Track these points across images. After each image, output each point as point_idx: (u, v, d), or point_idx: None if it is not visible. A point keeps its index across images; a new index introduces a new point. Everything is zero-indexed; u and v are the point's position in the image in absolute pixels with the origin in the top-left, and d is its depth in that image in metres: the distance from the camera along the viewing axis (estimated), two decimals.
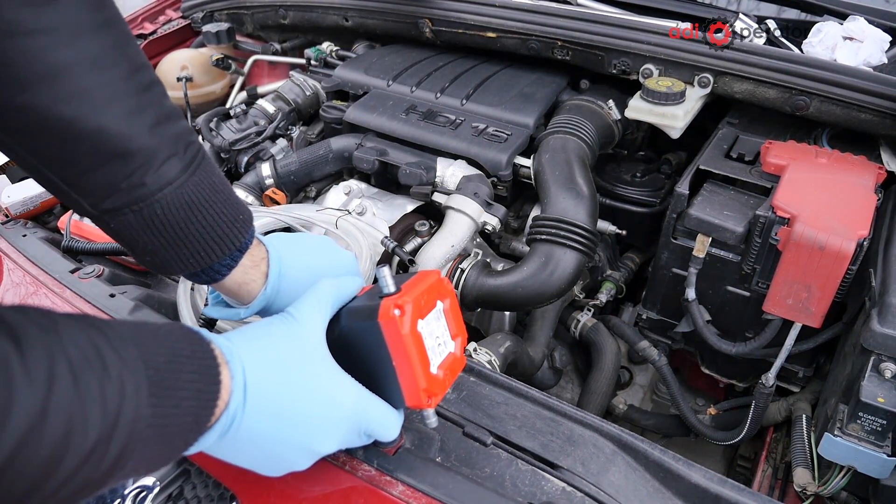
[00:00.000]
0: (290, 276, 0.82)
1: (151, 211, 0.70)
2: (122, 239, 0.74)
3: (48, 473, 0.46)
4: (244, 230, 0.78)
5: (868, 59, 1.28)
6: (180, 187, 0.71)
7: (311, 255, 0.86)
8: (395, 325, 0.67)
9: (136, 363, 0.52)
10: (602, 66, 1.41)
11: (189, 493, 0.79)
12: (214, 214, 0.74)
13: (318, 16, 1.73)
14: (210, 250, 0.75)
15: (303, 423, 0.66)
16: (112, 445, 0.50)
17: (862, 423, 0.93)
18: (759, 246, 1.11)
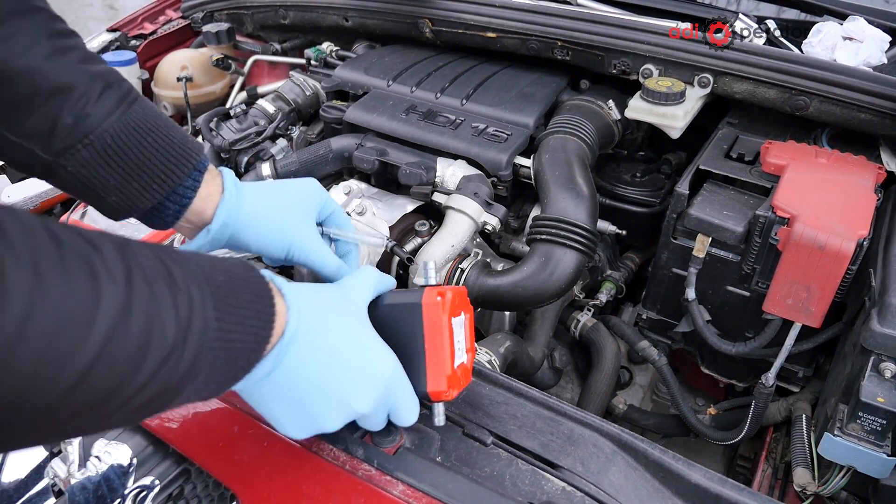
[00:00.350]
0: (252, 203, 0.84)
1: (103, 141, 0.73)
2: (84, 184, 0.76)
3: (136, 366, 0.48)
4: (198, 150, 0.82)
5: (868, 60, 1.28)
6: (124, 115, 0.75)
7: (272, 186, 0.88)
8: (436, 309, 0.73)
9: (200, 279, 0.54)
10: (602, 67, 1.41)
11: (189, 493, 0.80)
12: (165, 137, 0.78)
13: (318, 16, 1.73)
14: (170, 171, 0.78)
15: (346, 373, 0.67)
16: (186, 351, 0.51)
17: (862, 422, 0.93)
18: (759, 246, 1.11)
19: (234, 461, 0.77)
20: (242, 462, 0.77)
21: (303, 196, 0.87)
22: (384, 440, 0.78)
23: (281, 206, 0.85)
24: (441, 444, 0.81)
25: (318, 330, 0.66)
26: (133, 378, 0.48)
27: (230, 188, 0.83)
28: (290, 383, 0.65)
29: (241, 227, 0.83)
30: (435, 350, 0.73)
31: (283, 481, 0.75)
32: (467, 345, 0.79)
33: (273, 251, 0.85)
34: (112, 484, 0.79)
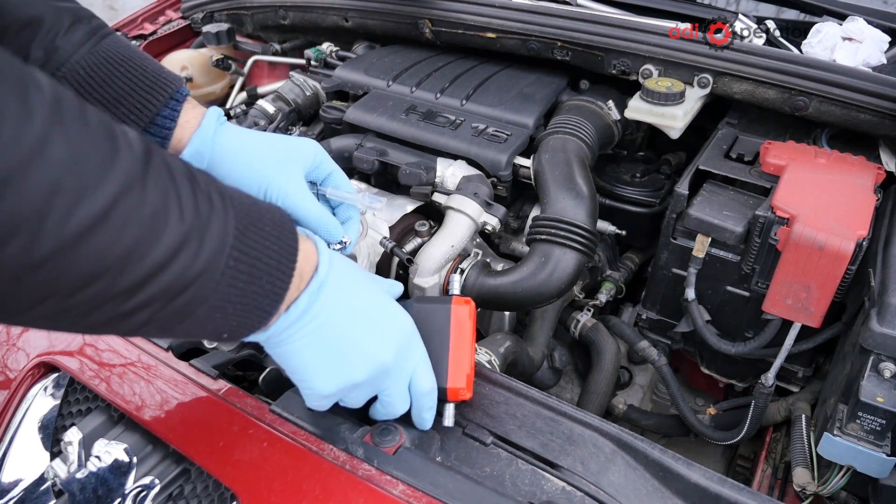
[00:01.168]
0: (233, 139, 0.83)
1: (75, 73, 0.74)
2: None
3: (151, 235, 0.47)
4: (174, 80, 0.82)
5: (867, 60, 1.28)
6: (95, 48, 0.76)
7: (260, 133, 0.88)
8: (464, 312, 0.82)
9: (221, 193, 0.54)
10: (602, 67, 1.42)
11: (189, 493, 0.80)
12: (138, 67, 0.78)
13: (317, 16, 1.73)
14: (146, 100, 0.78)
15: (372, 322, 0.70)
16: (204, 244, 0.51)
17: (861, 422, 0.93)
18: (759, 246, 1.11)
19: (234, 461, 0.77)
20: (242, 462, 0.77)
21: (292, 146, 0.85)
22: (384, 440, 0.78)
23: (262, 150, 0.83)
24: (441, 444, 0.81)
25: (348, 279, 0.67)
26: (149, 247, 0.47)
27: (210, 119, 0.82)
28: (323, 327, 0.65)
29: (217, 161, 0.82)
30: (459, 349, 0.80)
31: (283, 481, 0.75)
32: (471, 354, 0.83)
33: (250, 190, 0.81)
34: (112, 484, 0.79)
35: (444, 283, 1.19)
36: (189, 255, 0.50)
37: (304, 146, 0.86)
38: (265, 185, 0.81)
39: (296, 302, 0.62)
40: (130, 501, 0.78)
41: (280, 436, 0.79)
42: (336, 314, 0.66)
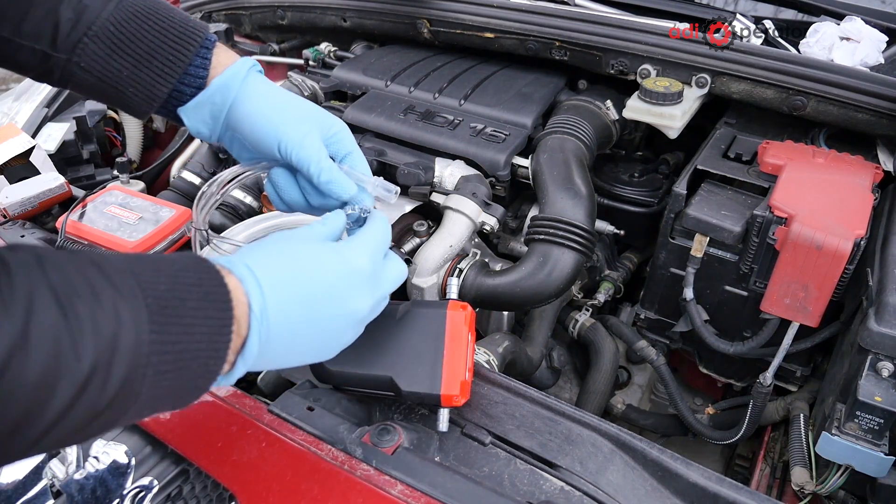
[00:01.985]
0: (262, 86, 0.82)
1: (107, 31, 0.75)
2: (101, 80, 0.77)
3: (42, 400, 0.46)
4: (202, 28, 0.81)
5: (865, 60, 1.29)
6: (121, 3, 0.76)
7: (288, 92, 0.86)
8: (460, 318, 0.80)
9: (133, 290, 0.51)
10: (600, 67, 1.42)
11: (188, 493, 0.80)
12: (165, 18, 0.79)
13: (316, 16, 1.73)
14: (177, 51, 0.78)
15: (329, 295, 0.67)
16: (113, 372, 0.49)
17: (859, 421, 0.94)
18: (757, 245, 1.11)
19: (232, 461, 0.77)
20: (241, 462, 0.77)
21: (317, 112, 0.84)
22: (382, 440, 0.78)
23: (285, 105, 0.82)
24: (439, 444, 0.81)
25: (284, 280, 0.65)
26: (41, 411, 0.46)
27: (244, 63, 0.82)
28: (287, 337, 0.64)
29: (238, 104, 0.81)
30: (453, 356, 0.78)
31: (281, 481, 0.75)
32: (469, 365, 0.82)
33: (265, 140, 0.80)
34: (110, 484, 0.79)
35: (442, 283, 1.19)
36: (94, 393, 0.48)
37: (329, 116, 0.85)
38: (280, 137, 0.79)
39: (243, 352, 0.61)
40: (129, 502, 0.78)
41: (278, 436, 0.79)
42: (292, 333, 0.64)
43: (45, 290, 0.47)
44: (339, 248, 0.71)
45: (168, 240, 1.15)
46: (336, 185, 0.80)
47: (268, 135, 0.80)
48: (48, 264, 0.48)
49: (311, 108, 0.84)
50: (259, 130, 0.80)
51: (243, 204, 1.42)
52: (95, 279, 0.50)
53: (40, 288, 0.46)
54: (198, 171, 1.53)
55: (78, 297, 0.48)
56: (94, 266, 0.51)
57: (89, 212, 1.19)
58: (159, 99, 0.80)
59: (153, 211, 1.18)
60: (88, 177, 1.54)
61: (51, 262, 0.49)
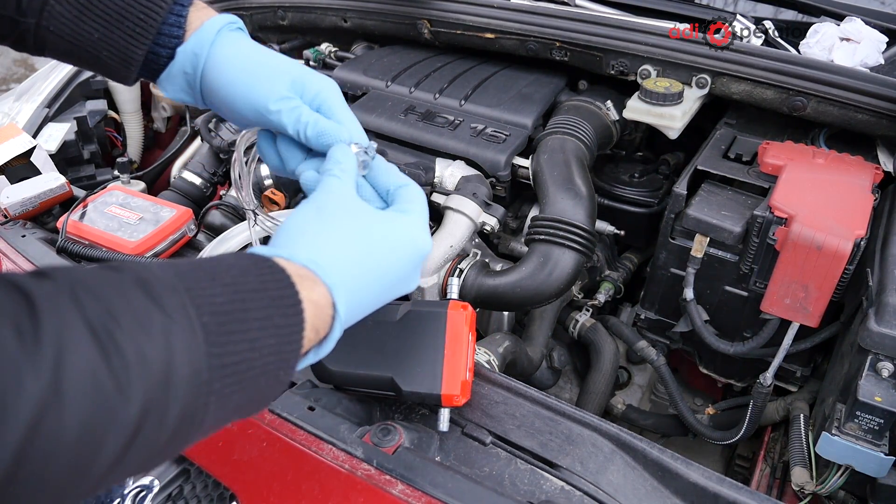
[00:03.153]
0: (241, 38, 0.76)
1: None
2: (73, 44, 0.73)
3: (89, 453, 0.40)
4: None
5: (865, 60, 1.29)
6: None
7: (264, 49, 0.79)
8: (460, 318, 0.80)
9: (185, 310, 0.46)
10: (600, 67, 1.42)
11: (189, 493, 0.80)
12: None
13: (316, 17, 1.73)
14: (149, 10, 0.73)
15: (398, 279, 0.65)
16: (171, 408, 0.44)
17: (859, 422, 0.94)
18: (757, 246, 1.11)
19: (233, 461, 0.78)
20: (242, 462, 0.77)
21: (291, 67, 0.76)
22: (383, 440, 0.78)
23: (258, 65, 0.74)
24: (440, 444, 0.81)
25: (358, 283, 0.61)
26: (90, 465, 0.41)
27: (213, 24, 0.75)
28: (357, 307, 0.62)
29: (211, 70, 0.75)
30: (454, 356, 0.79)
31: (282, 481, 0.75)
32: (470, 364, 0.82)
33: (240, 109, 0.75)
34: None
35: (442, 283, 1.19)
36: (151, 432, 0.43)
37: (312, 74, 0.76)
38: (253, 103, 0.74)
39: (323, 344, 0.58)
40: (130, 502, 0.78)
41: (279, 436, 0.79)
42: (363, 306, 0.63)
43: (80, 326, 0.40)
44: (408, 226, 0.67)
45: (169, 240, 1.15)
46: (327, 136, 0.73)
47: (241, 103, 0.74)
48: (83, 293, 0.42)
49: (286, 66, 0.75)
50: (232, 99, 0.74)
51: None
52: (140, 303, 0.44)
53: (73, 325, 0.40)
54: (198, 171, 1.53)
55: (120, 330, 0.42)
56: (138, 287, 0.45)
57: (90, 212, 1.19)
58: (136, 62, 0.75)
59: (154, 211, 1.18)
60: (89, 177, 1.55)
61: (86, 290, 0.43)
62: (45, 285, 0.42)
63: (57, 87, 1.59)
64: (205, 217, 1.40)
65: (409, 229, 0.67)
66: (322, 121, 0.73)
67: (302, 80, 0.75)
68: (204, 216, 1.40)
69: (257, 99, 0.73)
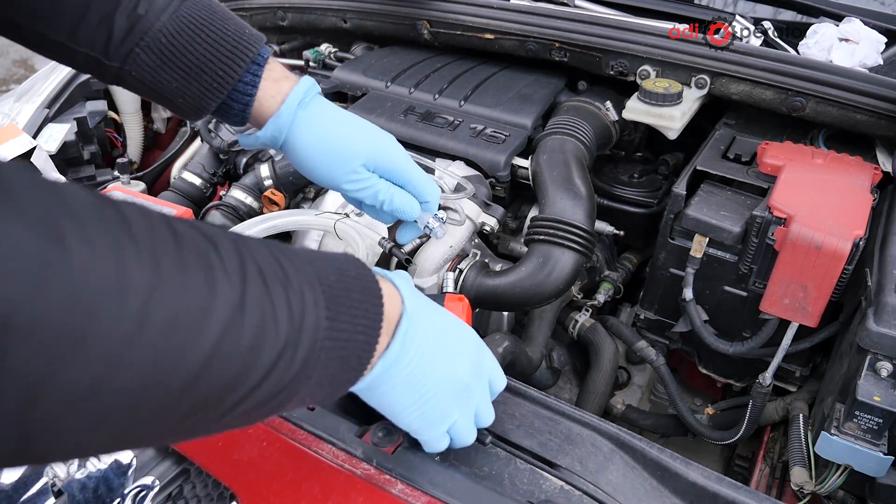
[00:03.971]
0: (318, 113, 0.84)
1: (158, 43, 0.74)
2: (151, 89, 0.77)
3: (250, 364, 0.48)
4: (255, 41, 0.80)
5: (864, 61, 1.29)
6: (177, 12, 0.75)
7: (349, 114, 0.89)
8: (457, 309, 0.82)
9: (312, 278, 0.55)
10: (600, 68, 1.42)
11: (189, 493, 0.80)
12: (219, 30, 0.77)
13: (316, 17, 1.74)
14: (226, 67, 0.77)
15: (456, 347, 0.70)
16: (299, 350, 0.52)
17: (858, 421, 0.94)
18: (756, 246, 1.12)
19: (233, 461, 0.78)
20: (242, 462, 0.77)
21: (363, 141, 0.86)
22: (383, 439, 0.78)
23: (335, 139, 0.84)
24: None
25: (427, 314, 0.68)
26: (247, 375, 0.48)
27: (290, 104, 0.82)
28: (413, 368, 0.65)
29: (292, 142, 0.83)
30: None
31: (282, 481, 0.75)
32: None
33: (320, 180, 0.86)
34: (111, 483, 0.79)
35: (441, 282, 1.20)
36: (284, 365, 0.51)
37: (381, 143, 0.87)
38: (330, 180, 0.84)
39: (385, 353, 0.63)
40: (130, 501, 0.78)
41: (279, 435, 0.79)
42: (424, 352, 0.66)
43: (253, 264, 0.50)
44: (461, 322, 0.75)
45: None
46: (402, 214, 0.87)
47: (321, 180, 0.85)
48: (249, 243, 0.52)
49: (361, 144, 0.85)
50: (312, 176, 0.85)
51: (244, 205, 1.42)
52: (284, 263, 0.53)
53: (249, 262, 0.49)
54: (198, 171, 1.53)
55: (274, 275, 0.51)
56: (281, 252, 0.54)
57: None
58: (208, 111, 0.81)
59: None
60: (89, 177, 1.55)
61: (247, 245, 0.51)
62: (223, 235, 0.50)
63: (57, 88, 1.59)
64: (205, 217, 1.40)
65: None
66: (396, 198, 0.85)
67: (376, 158, 0.85)
68: (204, 216, 1.40)
69: (334, 179, 0.84)
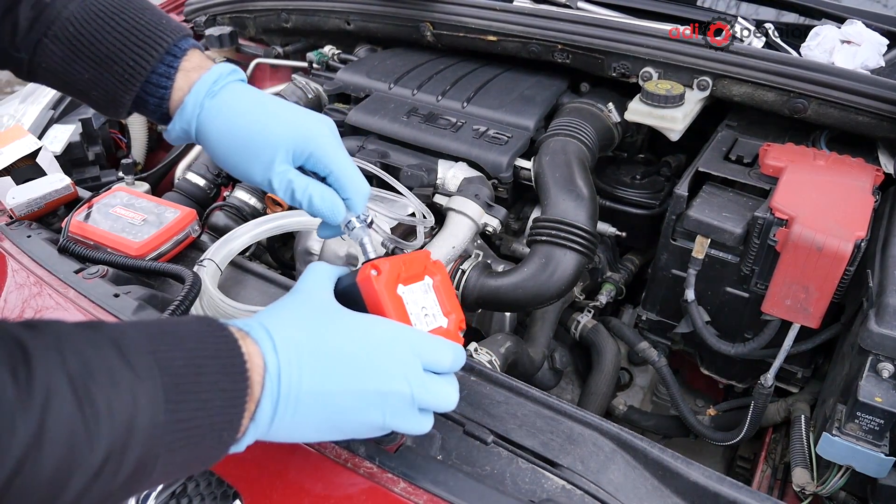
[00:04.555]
0: (230, 102, 0.76)
1: (66, 32, 0.70)
2: (64, 81, 0.73)
3: (55, 493, 0.46)
4: (171, 31, 0.75)
5: (866, 63, 1.29)
6: (86, 1, 0.71)
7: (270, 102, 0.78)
8: (370, 284, 0.71)
9: (151, 371, 0.51)
10: (602, 69, 1.42)
11: (192, 491, 0.80)
12: (131, 20, 0.73)
13: (320, 19, 1.74)
14: (139, 57, 0.72)
15: (356, 362, 0.63)
16: (127, 456, 0.49)
17: (860, 422, 0.94)
18: (758, 247, 1.12)
19: (236, 459, 0.77)
20: (245, 460, 0.77)
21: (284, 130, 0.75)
22: (385, 438, 0.79)
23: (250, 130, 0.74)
24: (442, 443, 0.82)
25: (306, 348, 0.62)
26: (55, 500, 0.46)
27: (203, 81, 0.75)
28: (313, 407, 0.62)
29: (205, 131, 0.76)
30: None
31: (284, 479, 0.75)
32: (444, 308, 0.78)
33: (236, 171, 0.76)
34: None
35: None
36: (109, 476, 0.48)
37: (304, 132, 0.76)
38: (246, 172, 0.76)
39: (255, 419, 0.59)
40: (133, 499, 0.79)
41: None
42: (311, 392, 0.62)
43: (63, 379, 0.46)
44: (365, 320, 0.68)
45: (173, 240, 1.16)
46: (320, 215, 0.77)
47: (235, 170, 0.76)
48: (67, 348, 0.48)
49: (275, 134, 0.75)
50: (225, 165, 0.77)
51: (247, 205, 1.43)
52: (114, 362, 0.49)
53: (58, 376, 0.46)
54: (202, 172, 1.54)
55: (95, 383, 0.47)
56: (113, 347, 0.50)
57: (95, 213, 1.20)
58: (124, 105, 0.75)
59: (158, 212, 1.19)
60: (94, 178, 1.55)
61: (71, 346, 0.48)
62: (36, 337, 0.47)
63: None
64: (209, 218, 1.41)
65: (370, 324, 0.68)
66: (315, 199, 0.75)
67: (295, 147, 0.75)
68: (208, 217, 1.41)
69: (248, 173, 0.75)
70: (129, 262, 1.07)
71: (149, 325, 0.57)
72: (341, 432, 0.66)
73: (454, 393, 0.70)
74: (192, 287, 0.95)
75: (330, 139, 0.77)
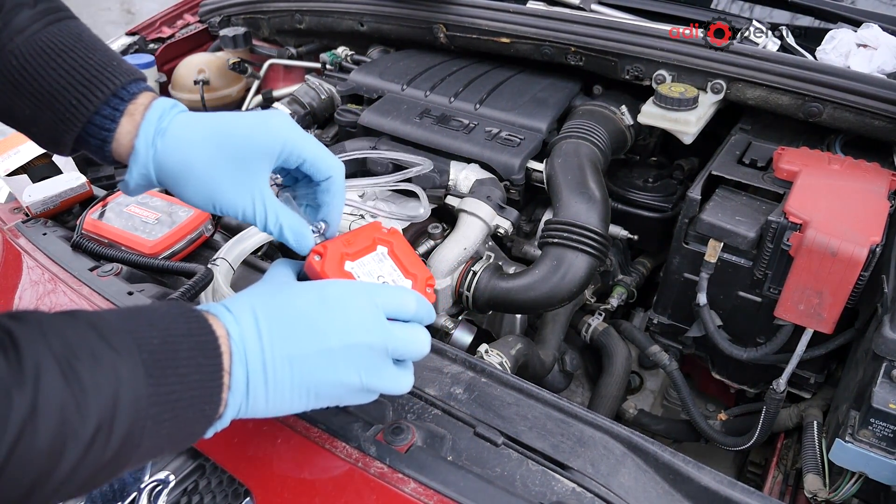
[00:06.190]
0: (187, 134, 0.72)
1: (8, 64, 0.69)
2: (4, 114, 0.72)
3: (53, 463, 0.49)
4: (120, 74, 0.72)
5: (882, 66, 1.28)
6: (34, 35, 0.70)
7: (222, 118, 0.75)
8: (314, 270, 0.75)
9: (129, 348, 0.54)
10: (615, 72, 1.42)
11: (204, 488, 0.81)
12: (78, 59, 0.71)
13: (333, 21, 1.75)
14: (81, 97, 0.70)
15: (318, 325, 0.65)
16: (116, 428, 0.51)
17: (873, 429, 0.93)
18: (771, 251, 1.11)
19: (247, 457, 0.79)
20: (256, 458, 0.78)
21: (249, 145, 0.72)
22: (396, 438, 0.79)
23: (211, 162, 0.71)
24: (452, 444, 0.82)
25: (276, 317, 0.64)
26: (53, 472, 0.49)
27: (143, 141, 0.71)
28: (290, 377, 0.64)
29: (164, 182, 0.74)
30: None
31: (296, 477, 0.76)
32: (405, 272, 0.80)
33: (199, 206, 0.74)
34: (127, 478, 0.80)
35: (455, 284, 1.20)
36: (99, 447, 0.51)
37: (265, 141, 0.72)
38: (217, 206, 0.73)
39: (231, 393, 0.61)
40: (146, 496, 0.79)
41: (294, 433, 0.80)
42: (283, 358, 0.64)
43: (50, 358, 0.49)
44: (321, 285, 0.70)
45: (186, 239, 1.16)
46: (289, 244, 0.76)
47: (203, 205, 0.74)
48: (50, 332, 0.51)
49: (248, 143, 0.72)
50: (195, 203, 0.74)
51: None
52: (94, 342, 0.52)
53: (45, 357, 0.49)
54: None
55: (79, 361, 0.50)
56: (92, 329, 0.53)
57: (109, 211, 1.21)
58: (65, 144, 0.73)
59: (171, 211, 1.20)
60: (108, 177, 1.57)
61: (52, 330, 0.51)
62: (22, 326, 0.50)
63: None
64: (221, 217, 1.42)
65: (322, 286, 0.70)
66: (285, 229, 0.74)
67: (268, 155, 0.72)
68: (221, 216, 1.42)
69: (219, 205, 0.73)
70: (142, 261, 1.08)
71: (123, 309, 0.60)
72: (322, 397, 0.67)
73: (425, 337, 0.70)
74: (203, 276, 0.96)
75: (291, 130, 0.75)
